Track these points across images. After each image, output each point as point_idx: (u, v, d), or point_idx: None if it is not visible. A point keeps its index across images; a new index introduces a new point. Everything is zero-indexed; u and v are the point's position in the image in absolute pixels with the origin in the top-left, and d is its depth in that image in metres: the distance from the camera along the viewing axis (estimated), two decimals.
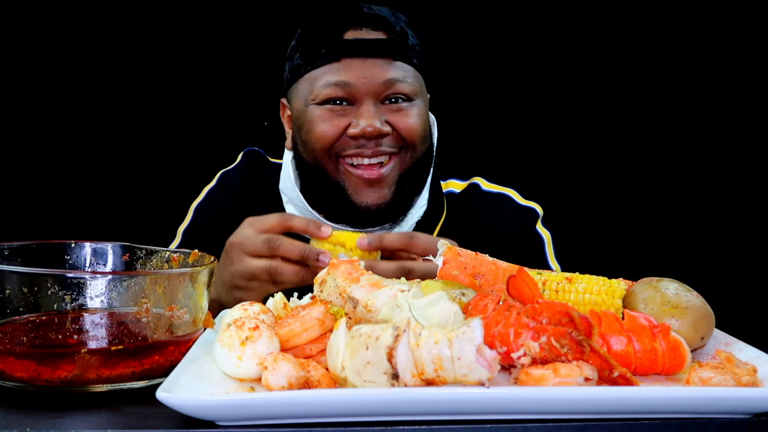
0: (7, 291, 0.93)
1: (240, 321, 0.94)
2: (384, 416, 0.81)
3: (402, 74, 1.70)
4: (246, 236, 1.46)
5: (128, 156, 2.62)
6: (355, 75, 1.65)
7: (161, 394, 0.80)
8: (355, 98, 1.67)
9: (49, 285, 0.92)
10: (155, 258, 1.15)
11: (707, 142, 2.66)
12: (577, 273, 1.16)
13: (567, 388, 0.83)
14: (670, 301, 1.02)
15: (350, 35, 1.69)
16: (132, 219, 2.54)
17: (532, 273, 1.15)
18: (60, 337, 0.91)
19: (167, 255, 1.14)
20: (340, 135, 1.67)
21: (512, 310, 0.91)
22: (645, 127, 2.67)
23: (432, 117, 1.88)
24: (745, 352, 0.99)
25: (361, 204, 1.69)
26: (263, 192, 1.91)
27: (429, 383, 0.83)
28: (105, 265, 1.14)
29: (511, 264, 1.21)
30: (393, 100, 1.70)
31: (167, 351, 0.96)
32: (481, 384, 0.81)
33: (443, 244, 1.23)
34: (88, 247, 1.13)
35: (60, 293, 0.92)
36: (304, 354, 0.96)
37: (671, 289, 1.04)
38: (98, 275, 0.98)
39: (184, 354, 0.95)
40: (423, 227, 1.84)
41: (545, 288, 1.13)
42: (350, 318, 0.99)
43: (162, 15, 2.57)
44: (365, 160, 1.68)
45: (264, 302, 1.07)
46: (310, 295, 1.15)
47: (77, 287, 0.93)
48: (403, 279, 1.07)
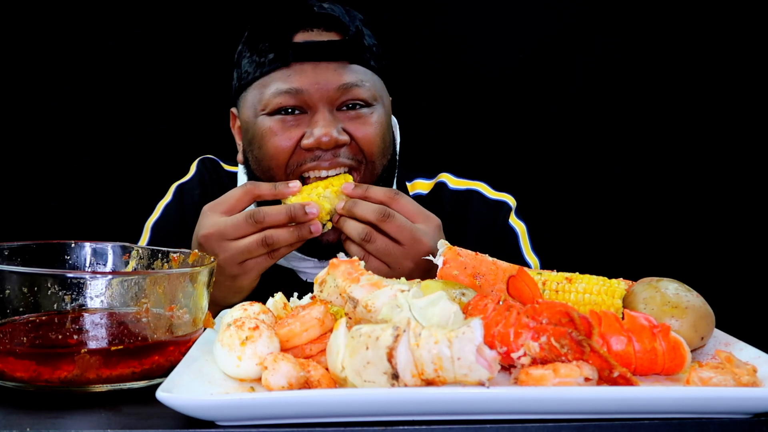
0: (7, 291, 0.93)
1: (240, 321, 0.94)
2: (384, 416, 0.81)
3: (358, 78, 1.57)
4: (219, 223, 1.37)
5: (128, 156, 2.62)
6: (308, 81, 1.53)
7: (161, 394, 0.80)
8: (309, 106, 1.54)
9: (49, 285, 0.92)
10: (155, 258, 1.14)
11: (707, 142, 2.66)
12: (577, 273, 1.16)
13: (567, 388, 0.83)
14: (670, 301, 1.02)
15: (300, 38, 1.56)
16: (132, 219, 2.54)
17: (532, 273, 1.15)
18: (60, 337, 0.91)
19: (167, 255, 1.14)
20: (295, 148, 1.53)
21: (512, 310, 0.91)
22: (645, 127, 2.67)
23: (394, 120, 1.76)
24: (745, 352, 0.99)
25: (323, 240, 1.54)
26: None
27: (429, 383, 0.83)
28: (105, 265, 1.14)
29: (511, 264, 1.21)
30: (350, 107, 1.57)
31: (167, 351, 0.96)
32: (481, 384, 0.81)
33: (443, 245, 1.23)
34: (88, 247, 1.13)
35: (60, 293, 0.92)
36: (304, 354, 0.96)
37: (671, 289, 1.04)
38: (98, 275, 0.98)
39: (184, 354, 0.95)
40: None
41: (545, 288, 1.13)
42: (350, 318, 0.99)
43: (163, 15, 2.58)
44: (323, 173, 1.55)
45: (264, 302, 1.07)
46: (310, 295, 1.15)
47: (77, 287, 0.93)
48: (403, 279, 1.07)
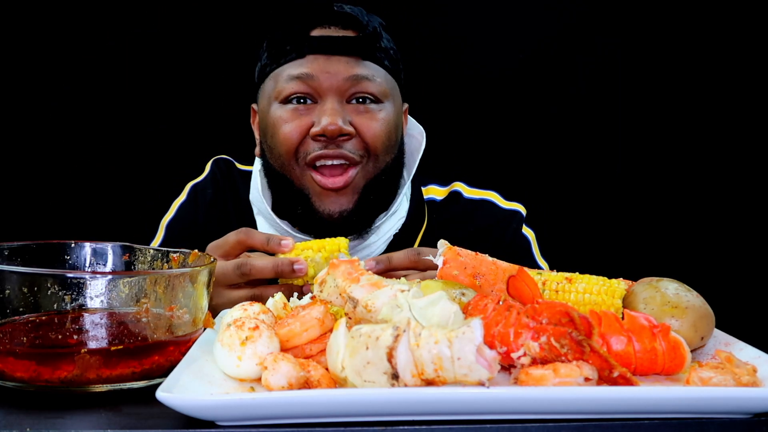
0: (7, 291, 0.93)
1: (240, 321, 0.94)
2: (384, 416, 0.81)
3: (370, 72, 1.62)
4: (216, 267, 1.41)
5: (128, 156, 2.62)
6: (318, 68, 1.59)
7: (161, 394, 0.80)
8: (319, 94, 1.60)
9: (49, 285, 0.92)
10: (155, 258, 1.14)
11: (707, 142, 2.66)
12: (577, 273, 1.16)
13: (567, 388, 0.83)
14: (670, 301, 1.02)
15: (317, 32, 1.63)
16: (132, 219, 2.54)
17: (532, 273, 1.15)
18: (60, 337, 0.91)
19: (167, 255, 1.14)
20: (304, 135, 1.60)
21: (512, 310, 0.91)
22: (645, 127, 2.67)
23: (420, 128, 1.81)
24: (745, 352, 0.99)
25: (324, 212, 1.62)
26: (233, 202, 1.85)
27: (429, 383, 0.83)
28: (105, 265, 1.14)
29: (511, 264, 1.21)
30: (360, 101, 1.62)
31: (167, 351, 0.96)
32: (481, 384, 0.81)
33: (443, 244, 1.23)
34: (88, 247, 1.13)
35: (60, 293, 0.92)
36: (304, 354, 0.96)
37: (671, 289, 1.04)
38: (98, 275, 0.98)
39: (184, 354, 0.95)
40: (403, 237, 1.76)
41: (545, 288, 1.13)
42: (350, 318, 0.99)
43: (163, 15, 2.58)
44: (328, 162, 1.60)
45: (264, 302, 1.07)
46: (310, 295, 1.15)
47: (77, 287, 0.93)
48: (403, 279, 1.07)
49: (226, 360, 0.91)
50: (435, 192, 1.88)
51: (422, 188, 1.88)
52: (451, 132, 2.63)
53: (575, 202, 2.70)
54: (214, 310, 1.31)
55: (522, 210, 1.85)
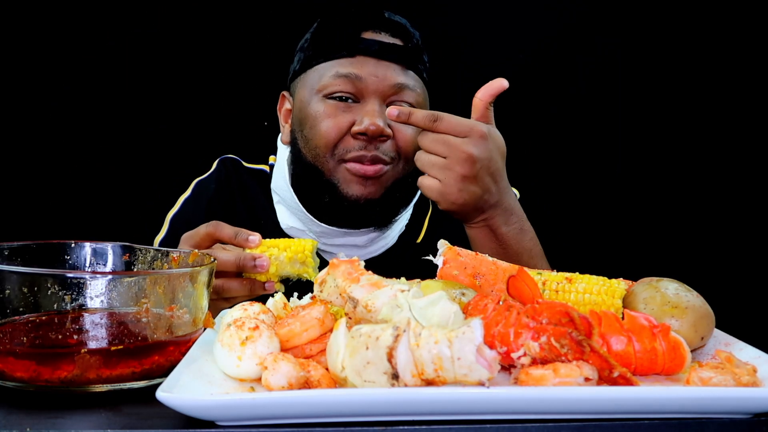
0: (7, 291, 0.93)
1: (240, 321, 0.94)
2: (384, 416, 0.81)
3: (412, 83, 1.71)
4: None
5: (128, 156, 2.62)
6: (367, 71, 1.65)
7: (161, 394, 0.80)
8: (362, 95, 1.66)
9: (49, 285, 0.92)
10: (155, 258, 1.14)
11: (707, 142, 2.66)
12: (577, 273, 1.16)
13: (567, 388, 0.83)
14: (670, 301, 1.02)
15: (368, 36, 1.69)
16: (132, 219, 2.54)
17: (532, 273, 1.15)
18: (60, 337, 0.91)
19: (167, 255, 1.14)
20: (344, 133, 1.65)
21: (512, 310, 0.91)
22: (645, 127, 2.67)
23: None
24: (745, 352, 0.99)
25: (351, 196, 1.66)
26: (239, 198, 1.89)
27: (429, 383, 0.83)
28: (105, 265, 1.14)
29: (511, 264, 1.21)
30: (400, 104, 1.68)
31: (167, 351, 0.96)
32: (481, 384, 0.81)
33: (443, 244, 1.23)
34: (88, 247, 1.13)
35: (60, 293, 0.92)
36: (304, 354, 0.96)
37: (671, 289, 1.04)
38: (98, 275, 0.98)
39: (184, 354, 0.95)
40: (412, 225, 1.85)
41: (545, 288, 1.13)
42: (350, 318, 0.99)
43: (164, 15, 2.58)
44: (363, 168, 1.66)
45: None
46: (310, 295, 1.15)
47: (77, 287, 0.93)
48: (403, 279, 1.07)
49: (226, 360, 0.91)
50: None
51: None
52: None
53: (575, 203, 2.70)
54: None
55: (515, 191, 1.90)
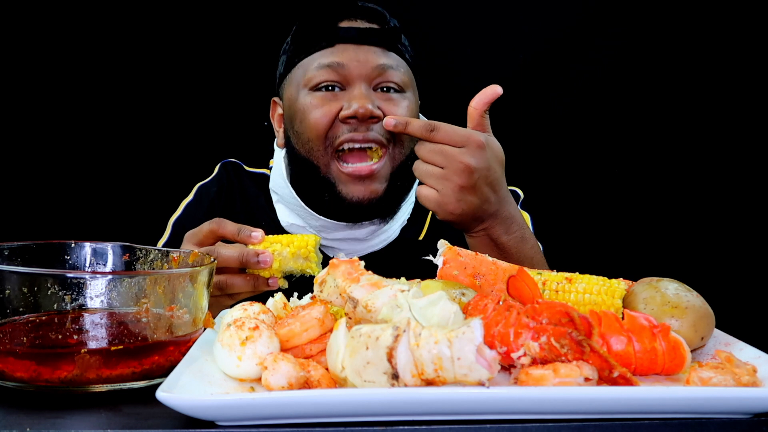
0: (7, 291, 0.93)
1: (240, 321, 0.94)
2: (384, 416, 0.81)
3: (395, 63, 1.72)
4: None
5: (129, 156, 2.62)
6: (348, 57, 1.67)
7: (161, 394, 0.80)
8: (348, 82, 1.68)
9: (49, 285, 0.92)
10: (155, 258, 1.14)
11: (707, 142, 2.66)
12: (577, 273, 1.16)
13: (567, 388, 0.83)
14: (670, 301, 1.02)
15: (345, 24, 1.71)
16: (132, 219, 2.54)
17: (532, 273, 1.15)
18: (60, 337, 0.91)
19: (167, 255, 1.14)
20: (333, 120, 1.66)
21: (512, 310, 0.91)
22: (645, 128, 2.67)
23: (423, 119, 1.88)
24: (745, 352, 0.99)
25: (352, 199, 1.67)
26: (240, 202, 1.90)
27: (429, 383, 0.83)
28: (105, 265, 1.14)
29: (511, 264, 1.21)
30: (384, 89, 1.70)
31: (167, 351, 0.96)
32: (481, 384, 0.81)
33: (443, 244, 1.23)
34: (88, 247, 1.13)
35: (60, 293, 0.92)
36: (304, 354, 0.96)
37: (671, 289, 1.04)
38: (98, 275, 0.98)
39: (184, 354, 0.95)
40: (414, 220, 1.86)
41: (545, 288, 1.13)
42: (350, 318, 0.99)
43: (165, 20, 2.58)
44: (356, 145, 1.66)
45: (264, 302, 1.07)
46: (310, 295, 1.15)
47: (77, 287, 0.93)
48: (403, 279, 1.08)
49: (226, 360, 0.91)
50: None
51: None
52: None
53: (575, 203, 2.70)
54: None
55: (519, 192, 1.94)
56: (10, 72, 2.54)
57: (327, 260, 1.34)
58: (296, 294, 1.22)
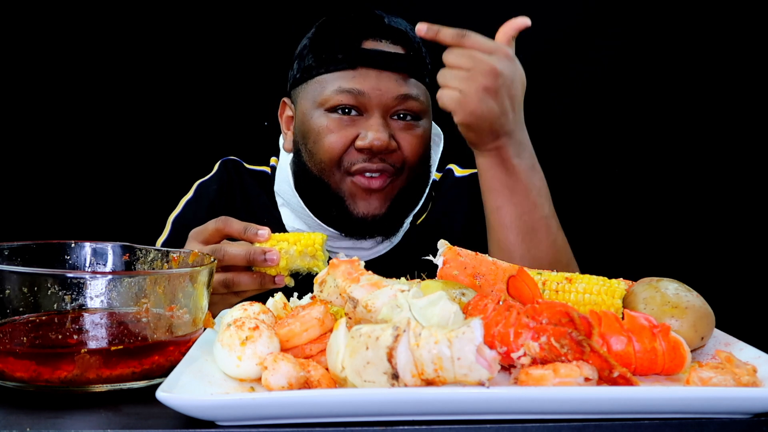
0: (7, 291, 0.93)
1: (240, 321, 0.94)
2: (384, 416, 0.81)
3: (415, 91, 1.69)
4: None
5: (129, 156, 2.62)
6: (370, 85, 1.63)
7: (161, 394, 0.80)
8: (365, 108, 1.65)
9: (49, 285, 0.92)
10: (155, 258, 1.14)
11: (707, 142, 2.66)
12: (577, 273, 1.16)
13: (567, 388, 0.83)
14: (670, 301, 1.02)
15: (369, 45, 1.66)
16: (131, 217, 2.54)
17: (532, 273, 1.15)
18: (60, 337, 0.91)
19: (167, 255, 1.14)
20: (348, 147, 1.65)
21: (512, 310, 0.91)
22: (645, 127, 2.67)
23: (438, 130, 1.88)
24: (745, 352, 0.99)
25: (358, 213, 1.68)
26: (241, 200, 1.90)
27: (429, 383, 0.83)
28: (105, 265, 1.14)
29: (511, 264, 1.21)
30: (402, 116, 1.68)
31: (167, 351, 0.96)
32: (481, 384, 0.81)
33: (443, 244, 1.23)
34: (88, 247, 1.13)
35: (60, 293, 0.92)
36: (304, 354, 0.96)
37: (671, 289, 1.04)
38: (98, 275, 0.98)
39: (184, 354, 0.95)
40: (413, 219, 1.86)
41: (545, 288, 1.13)
42: (350, 318, 0.99)
43: (165, 17, 2.58)
44: (368, 174, 1.67)
45: (264, 302, 1.07)
46: (310, 295, 1.15)
47: (77, 287, 0.93)
48: (403, 279, 1.08)
49: (226, 360, 0.91)
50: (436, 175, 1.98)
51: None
52: (452, 133, 2.63)
53: (575, 202, 2.69)
54: None
55: None
56: (10, 72, 2.54)
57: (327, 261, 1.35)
58: (296, 294, 1.22)
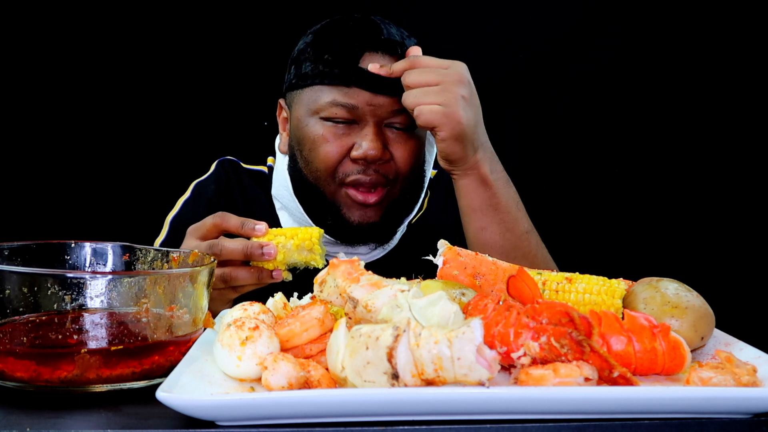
0: (7, 291, 0.93)
1: (240, 321, 0.94)
2: (384, 416, 0.81)
3: None
4: (191, 248, 1.43)
5: (129, 156, 2.62)
6: (364, 101, 1.62)
7: (161, 394, 0.80)
8: (360, 118, 1.64)
9: (49, 285, 0.92)
10: (155, 258, 1.14)
11: (707, 142, 2.66)
12: (577, 273, 1.16)
13: (567, 388, 0.83)
14: (670, 301, 1.02)
15: (366, 61, 1.64)
16: (129, 217, 2.54)
17: (532, 273, 1.15)
18: (60, 337, 0.91)
19: (167, 255, 1.14)
20: (344, 157, 1.65)
21: (512, 310, 0.91)
22: (645, 127, 2.67)
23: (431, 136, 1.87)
24: (745, 352, 0.99)
25: (353, 221, 1.68)
26: (239, 199, 1.90)
27: (429, 383, 0.83)
28: (105, 265, 1.14)
29: (511, 264, 1.21)
30: (396, 127, 1.67)
31: (167, 351, 0.96)
32: (481, 384, 0.81)
33: (443, 244, 1.23)
34: (88, 247, 1.13)
35: (60, 293, 0.92)
36: (304, 354, 0.96)
37: (671, 289, 1.04)
38: (98, 275, 0.98)
39: (184, 354, 0.95)
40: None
41: (545, 288, 1.13)
42: (350, 318, 0.99)
43: (162, 17, 2.58)
44: (362, 189, 1.66)
45: (264, 302, 1.07)
46: (310, 295, 1.15)
47: (77, 287, 0.93)
48: (403, 279, 1.08)
49: (226, 360, 0.91)
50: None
51: None
52: None
53: (575, 202, 2.70)
54: None
55: None
56: (10, 72, 2.54)
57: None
58: (296, 294, 1.22)
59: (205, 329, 1.05)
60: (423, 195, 1.84)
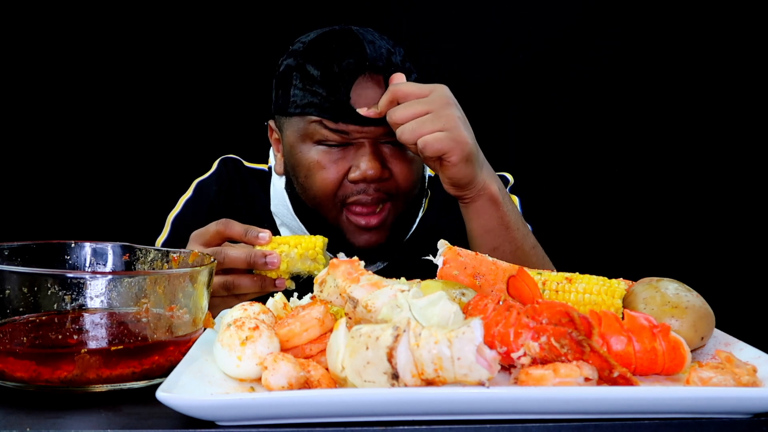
0: (7, 291, 0.93)
1: (240, 321, 0.94)
2: (384, 416, 0.81)
3: None
4: None
5: (129, 155, 2.62)
6: (355, 129, 1.58)
7: (161, 394, 0.80)
8: (354, 140, 1.60)
9: (49, 285, 0.92)
10: (155, 258, 1.14)
11: (707, 142, 2.66)
12: (577, 273, 1.16)
13: (567, 388, 0.83)
14: (670, 301, 1.02)
15: (356, 90, 1.57)
16: (131, 217, 2.54)
17: (532, 273, 1.15)
18: (60, 337, 0.91)
19: (167, 255, 1.14)
20: (342, 180, 1.61)
21: (512, 310, 0.91)
22: (645, 127, 2.67)
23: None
24: (745, 352, 0.99)
25: (359, 245, 1.66)
26: (240, 198, 1.89)
27: (429, 383, 0.83)
28: (105, 265, 1.14)
29: (511, 264, 1.21)
30: (392, 143, 1.61)
31: (167, 351, 0.96)
32: (481, 384, 0.81)
33: (443, 244, 1.23)
34: (88, 247, 1.13)
35: (60, 293, 0.92)
36: (304, 354, 0.96)
37: (671, 289, 1.04)
38: (98, 275, 0.98)
39: (184, 354, 0.95)
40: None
41: (545, 288, 1.13)
42: (350, 318, 0.99)
43: (164, 16, 2.58)
44: (364, 210, 1.64)
45: (264, 302, 1.07)
46: (310, 295, 1.15)
47: (77, 287, 0.93)
48: (403, 279, 1.08)
49: (226, 360, 0.91)
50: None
51: None
52: None
53: (575, 203, 2.70)
54: None
55: (509, 176, 1.91)
56: (10, 72, 2.54)
57: None
58: (296, 294, 1.22)
59: (205, 329, 1.05)
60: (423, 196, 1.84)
